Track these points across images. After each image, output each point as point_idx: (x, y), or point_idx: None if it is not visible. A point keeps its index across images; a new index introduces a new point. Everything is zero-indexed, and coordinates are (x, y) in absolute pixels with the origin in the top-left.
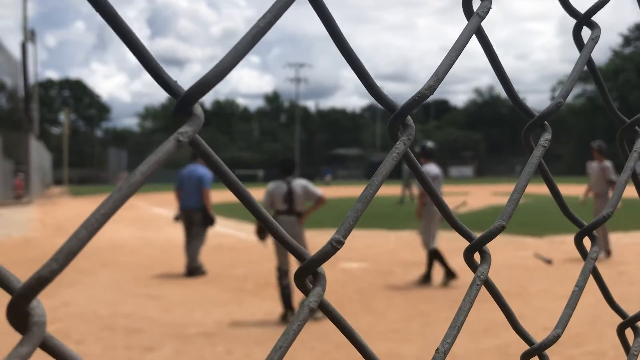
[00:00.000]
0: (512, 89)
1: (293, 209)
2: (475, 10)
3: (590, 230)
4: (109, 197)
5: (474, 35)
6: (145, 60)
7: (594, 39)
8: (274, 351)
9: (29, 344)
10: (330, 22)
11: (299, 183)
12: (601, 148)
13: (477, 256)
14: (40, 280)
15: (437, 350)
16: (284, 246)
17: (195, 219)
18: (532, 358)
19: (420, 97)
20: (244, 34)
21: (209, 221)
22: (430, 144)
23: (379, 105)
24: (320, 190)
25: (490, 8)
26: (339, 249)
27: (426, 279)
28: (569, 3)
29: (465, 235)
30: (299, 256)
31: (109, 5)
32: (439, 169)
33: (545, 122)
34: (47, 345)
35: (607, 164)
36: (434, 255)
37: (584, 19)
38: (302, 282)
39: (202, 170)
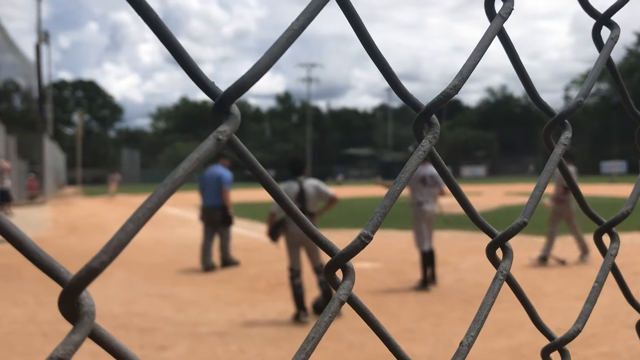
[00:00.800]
0: (533, 89)
1: (305, 209)
2: (497, 11)
3: (610, 227)
4: (154, 192)
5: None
6: (184, 61)
7: (614, 39)
8: (307, 342)
9: (80, 332)
10: (357, 21)
11: (311, 183)
12: (567, 154)
13: (499, 252)
14: (91, 272)
15: (461, 343)
16: (314, 241)
17: (216, 217)
18: (553, 353)
19: (445, 96)
20: (279, 36)
21: (227, 220)
22: None
23: (391, 105)
24: (333, 190)
25: (513, 9)
26: (367, 243)
27: (424, 284)
28: (589, 3)
29: (487, 231)
30: (329, 250)
31: (150, 9)
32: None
33: (566, 120)
34: (96, 334)
35: (571, 169)
36: (424, 258)
37: (603, 19)
38: (332, 275)
39: (222, 170)
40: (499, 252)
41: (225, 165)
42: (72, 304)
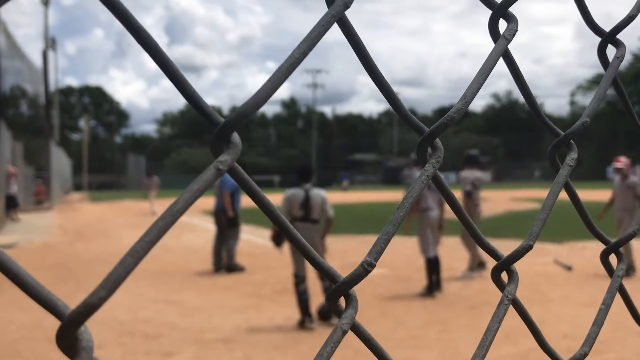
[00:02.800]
0: (538, 109)
1: (309, 216)
2: (501, 33)
3: (616, 248)
4: (153, 225)
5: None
6: (186, 91)
7: (619, 58)
8: None
9: None
10: (359, 44)
11: (319, 193)
12: (471, 158)
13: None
14: (89, 308)
15: None
16: (316, 268)
17: (221, 219)
18: None
19: (449, 120)
20: (280, 64)
21: (230, 221)
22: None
23: None
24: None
25: (517, 31)
26: (370, 271)
27: (429, 291)
28: (594, 21)
29: (492, 254)
30: (331, 278)
31: (150, 37)
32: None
33: (572, 140)
34: None
35: (479, 174)
36: (429, 264)
37: (608, 37)
38: (335, 303)
39: (226, 176)
40: (504, 276)
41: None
42: (70, 339)
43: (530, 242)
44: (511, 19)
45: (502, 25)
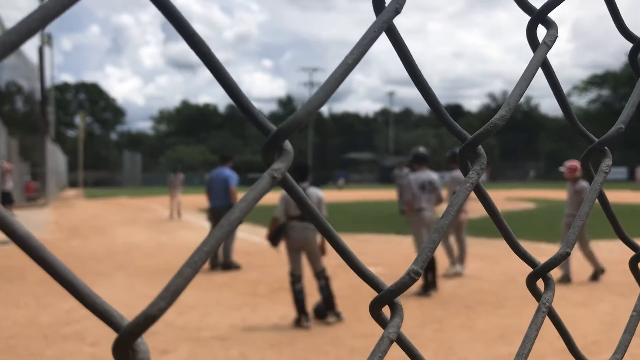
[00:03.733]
0: (573, 116)
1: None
2: (540, 40)
3: None
4: (211, 235)
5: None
6: (238, 99)
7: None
8: None
9: None
10: (406, 53)
11: (315, 192)
12: (456, 157)
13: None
14: (148, 319)
15: None
16: (361, 276)
17: (220, 217)
18: None
19: (493, 127)
20: (333, 70)
21: None
22: (422, 149)
23: (392, 110)
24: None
25: (557, 37)
26: (416, 280)
27: (425, 290)
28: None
29: (529, 261)
30: (375, 286)
31: (206, 46)
32: (435, 174)
33: (606, 147)
34: None
35: (456, 174)
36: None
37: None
38: (378, 312)
39: (228, 172)
40: (539, 283)
41: (230, 167)
42: (127, 350)
43: (568, 249)
44: (551, 25)
45: (540, 32)
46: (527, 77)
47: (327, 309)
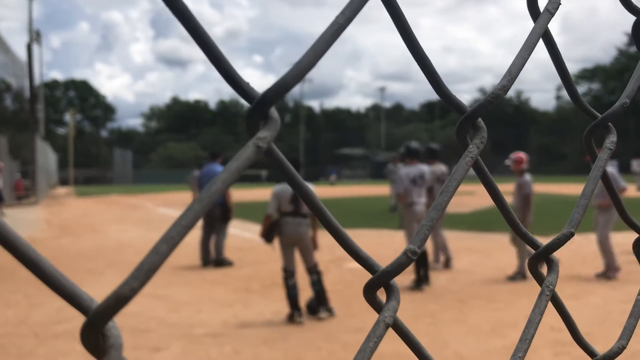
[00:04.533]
0: (575, 91)
1: (299, 211)
2: (541, 8)
3: None
4: (189, 208)
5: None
6: (218, 61)
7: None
8: None
9: None
10: (401, 19)
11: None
12: (434, 152)
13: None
14: (119, 300)
15: None
16: (355, 257)
17: (215, 214)
18: None
19: (494, 98)
20: (323, 31)
21: (227, 216)
22: (414, 143)
23: (383, 105)
24: None
25: (560, 4)
26: (414, 260)
27: (417, 284)
28: None
29: (531, 243)
30: (369, 267)
31: (183, 5)
32: (427, 168)
33: (609, 123)
34: None
35: (443, 168)
36: (417, 258)
37: None
38: (373, 295)
39: (219, 168)
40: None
41: (221, 163)
42: (96, 335)
43: (572, 229)
44: None
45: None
46: (529, 46)
47: (319, 304)
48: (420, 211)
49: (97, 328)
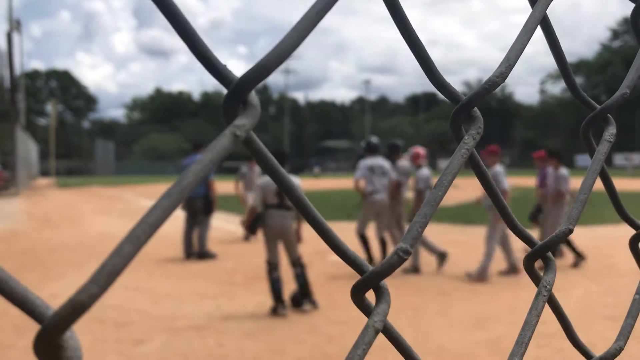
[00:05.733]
0: (572, 80)
1: (284, 203)
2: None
3: None
4: (157, 204)
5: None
6: (192, 40)
7: None
8: None
9: None
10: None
11: (293, 179)
12: (396, 148)
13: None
14: (77, 308)
15: None
16: (342, 256)
17: (197, 206)
18: None
19: (491, 86)
20: (308, 8)
21: (209, 208)
22: (374, 139)
23: (368, 98)
24: None
25: None
26: (406, 259)
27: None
28: None
29: (527, 241)
30: (357, 268)
31: None
32: (387, 163)
33: (609, 115)
34: None
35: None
36: (362, 240)
37: None
38: (361, 298)
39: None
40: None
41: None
42: (52, 346)
43: (571, 225)
44: None
45: None
46: (528, 31)
47: (303, 297)
48: (380, 200)
49: (52, 338)
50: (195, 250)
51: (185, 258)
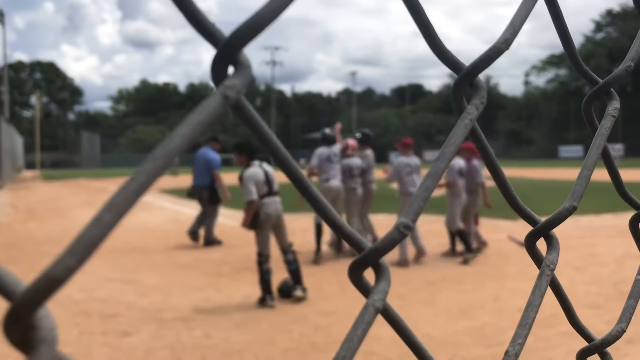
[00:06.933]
0: (575, 55)
1: (272, 190)
2: None
3: None
4: (141, 169)
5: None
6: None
7: None
8: None
9: None
10: None
11: (267, 167)
12: (367, 138)
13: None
14: (52, 282)
15: (506, 352)
16: (341, 234)
17: (203, 196)
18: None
19: (495, 53)
20: None
21: (215, 199)
22: (328, 131)
23: (354, 90)
24: None
25: None
26: (407, 235)
27: (317, 253)
28: None
29: (529, 219)
30: (356, 245)
31: None
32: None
33: (612, 89)
34: None
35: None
36: (317, 229)
37: None
38: (359, 276)
39: (211, 154)
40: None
41: (216, 149)
42: (24, 326)
43: (574, 202)
44: None
45: None
46: None
47: (295, 283)
48: (334, 187)
49: (23, 317)
50: (197, 235)
51: (204, 245)
